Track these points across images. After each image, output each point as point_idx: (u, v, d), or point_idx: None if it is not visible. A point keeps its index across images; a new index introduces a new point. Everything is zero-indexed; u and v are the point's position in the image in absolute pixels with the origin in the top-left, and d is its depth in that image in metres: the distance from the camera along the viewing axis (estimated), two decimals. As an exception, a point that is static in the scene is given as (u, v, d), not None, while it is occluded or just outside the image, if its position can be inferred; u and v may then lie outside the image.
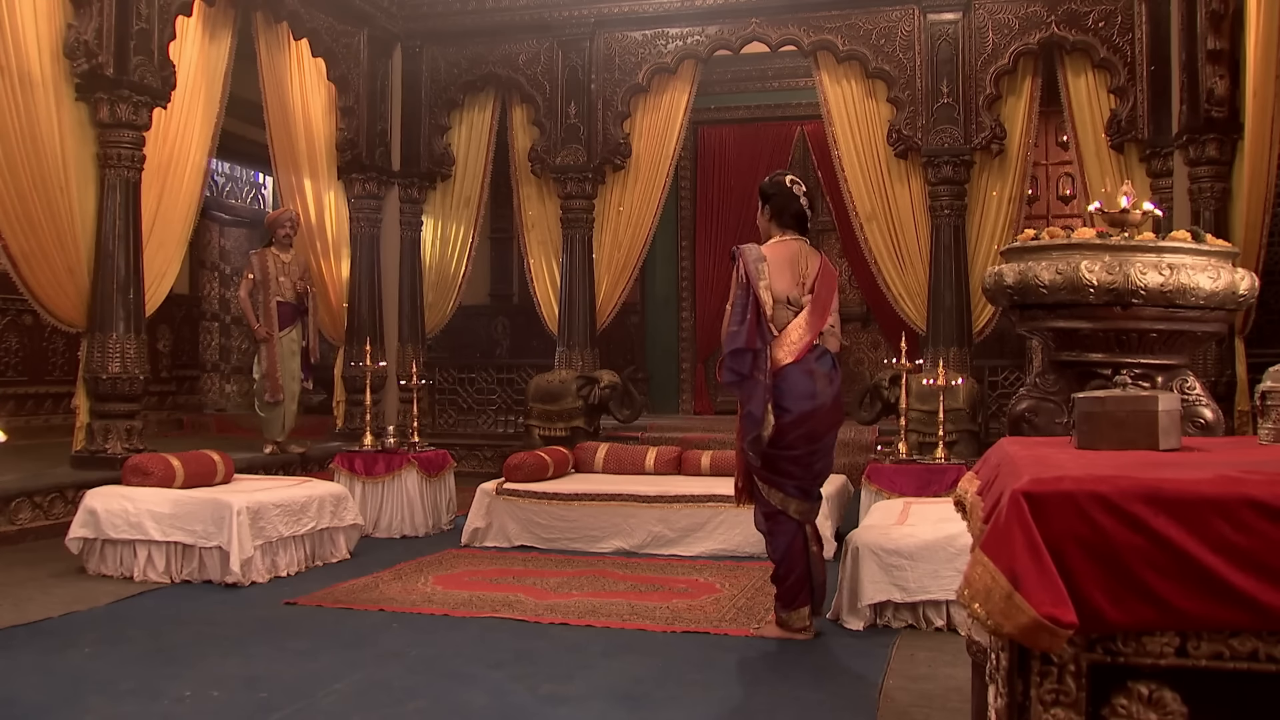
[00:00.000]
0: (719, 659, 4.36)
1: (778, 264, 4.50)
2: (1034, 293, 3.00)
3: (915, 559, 4.73)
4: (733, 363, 4.42)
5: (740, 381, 4.45)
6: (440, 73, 10.55)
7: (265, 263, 8.68)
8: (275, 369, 8.59)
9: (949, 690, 3.94)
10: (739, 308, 4.41)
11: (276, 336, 8.60)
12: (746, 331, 4.38)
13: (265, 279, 8.64)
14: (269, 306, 8.59)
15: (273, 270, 8.68)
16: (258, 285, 8.65)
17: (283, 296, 8.67)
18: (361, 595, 5.41)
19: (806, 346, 4.47)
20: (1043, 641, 1.33)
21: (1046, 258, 3.01)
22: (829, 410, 4.55)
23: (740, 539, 6.44)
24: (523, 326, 12.51)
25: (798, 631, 4.59)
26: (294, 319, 8.76)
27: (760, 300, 4.39)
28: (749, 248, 4.53)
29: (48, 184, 7.27)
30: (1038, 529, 1.38)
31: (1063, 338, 3.14)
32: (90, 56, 7.34)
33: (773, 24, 9.66)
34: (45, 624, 4.87)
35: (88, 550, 5.89)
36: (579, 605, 5.19)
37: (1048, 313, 3.06)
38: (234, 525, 5.58)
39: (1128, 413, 1.98)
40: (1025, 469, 1.52)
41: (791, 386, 4.44)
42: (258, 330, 8.62)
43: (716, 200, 12.12)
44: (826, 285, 4.60)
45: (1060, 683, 1.37)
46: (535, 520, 6.74)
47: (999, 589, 1.35)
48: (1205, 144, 8.22)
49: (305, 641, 4.60)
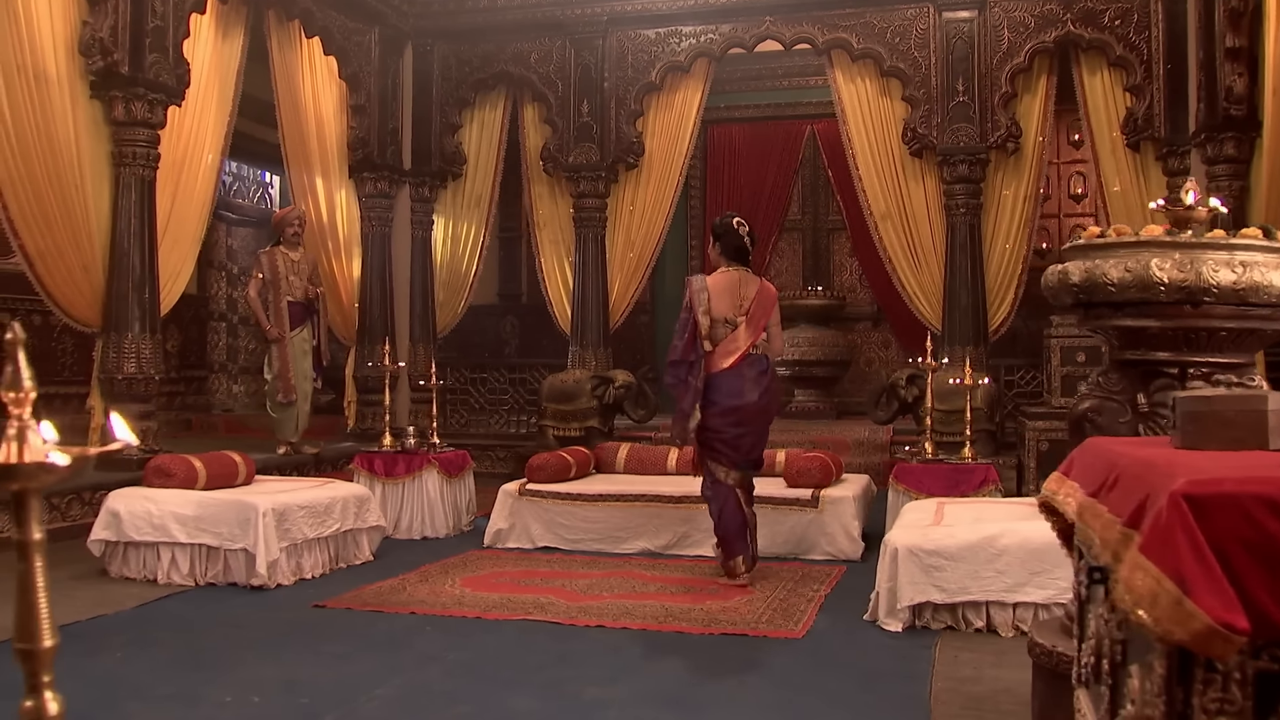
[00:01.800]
0: (761, 661, 4.32)
1: (719, 291, 5.66)
2: (1101, 291, 2.95)
3: (955, 560, 4.69)
4: (673, 370, 5.64)
5: (675, 384, 5.63)
6: (451, 71, 10.48)
7: (274, 262, 8.55)
8: (288, 369, 8.49)
9: (998, 692, 3.90)
10: (680, 327, 5.65)
11: (288, 336, 8.49)
12: (683, 347, 5.61)
13: (275, 278, 8.51)
14: (279, 306, 8.46)
15: (282, 269, 8.55)
16: (267, 285, 8.51)
17: (293, 296, 8.54)
18: (390, 598, 5.36)
19: (741, 356, 5.64)
20: (1215, 648, 1.28)
21: (1114, 255, 2.96)
22: (756, 405, 5.67)
23: (766, 540, 6.38)
24: (531, 326, 12.45)
25: (737, 576, 5.59)
26: (304, 318, 8.65)
27: (698, 323, 5.58)
28: (696, 279, 5.74)
29: (63, 182, 7.20)
30: (1200, 532, 1.33)
31: (1128, 336, 3.09)
32: (105, 54, 7.27)
33: (787, 22, 9.61)
34: (73, 628, 4.80)
35: (109, 552, 5.82)
36: (612, 607, 5.14)
37: (1114, 311, 3.01)
38: (260, 527, 5.52)
39: (1236, 412, 1.94)
40: (1173, 471, 1.47)
41: (722, 386, 5.61)
42: (269, 330, 8.50)
43: (726, 199, 12.07)
44: (762, 307, 5.73)
45: (1225, 691, 1.33)
46: (559, 521, 6.69)
47: (1166, 594, 1.30)
48: (1223, 142, 8.17)
49: (339, 645, 4.54)
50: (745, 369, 5.66)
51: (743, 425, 5.65)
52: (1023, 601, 4.65)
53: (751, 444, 5.73)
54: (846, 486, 6.59)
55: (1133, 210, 9.17)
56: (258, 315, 8.63)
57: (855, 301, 11.77)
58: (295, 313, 8.57)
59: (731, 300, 5.65)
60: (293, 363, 8.51)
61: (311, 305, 8.68)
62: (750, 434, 5.71)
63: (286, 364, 8.49)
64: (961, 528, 4.83)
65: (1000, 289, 9.37)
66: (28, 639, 1.36)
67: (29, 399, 1.31)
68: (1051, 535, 4.63)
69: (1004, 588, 4.65)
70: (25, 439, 1.29)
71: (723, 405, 5.61)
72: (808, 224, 12.17)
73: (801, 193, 12.18)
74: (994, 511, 5.22)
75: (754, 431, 5.73)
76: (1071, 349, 8.19)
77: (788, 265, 12.25)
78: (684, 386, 5.61)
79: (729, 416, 5.62)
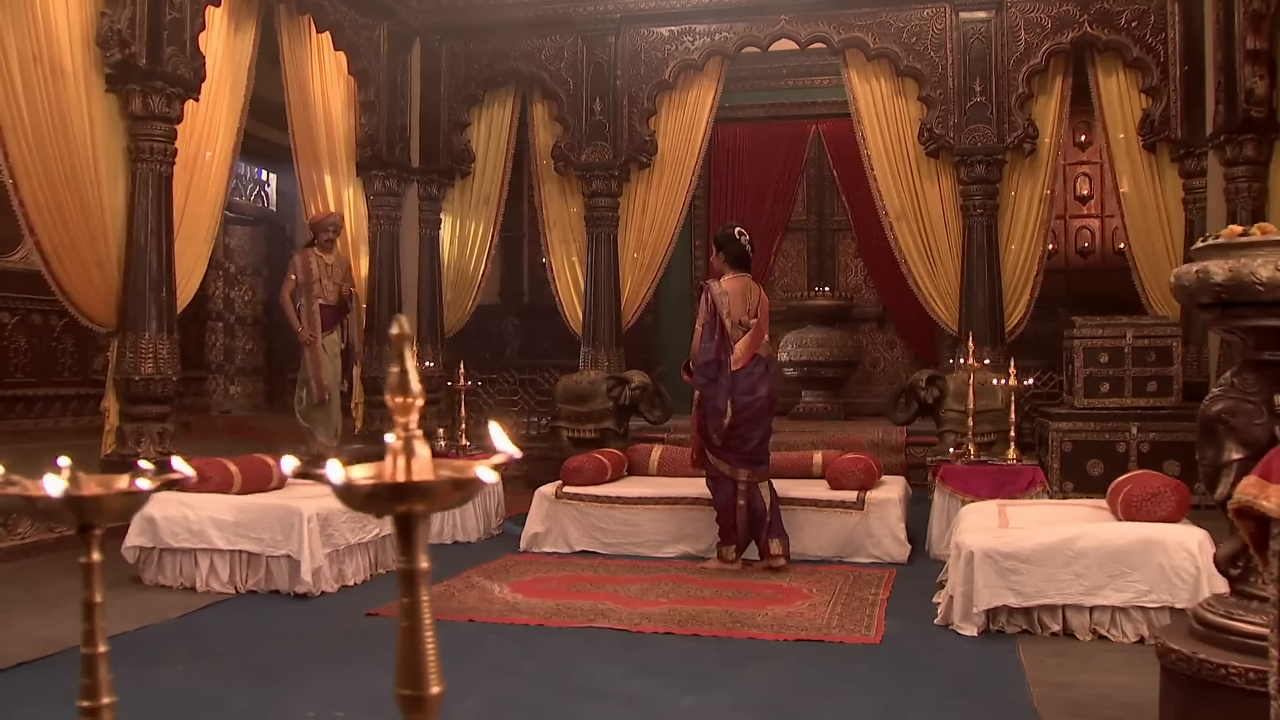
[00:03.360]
0: (847, 668, 4.23)
1: (734, 295, 6.07)
2: (1248, 290, 2.88)
3: (1032, 563, 4.63)
4: (705, 371, 5.97)
5: (708, 384, 5.97)
6: (460, 68, 10.33)
7: (308, 264, 8.37)
8: (320, 371, 8.29)
9: (1099, 697, 3.84)
10: (709, 329, 5.99)
11: (320, 339, 8.30)
12: (715, 347, 5.97)
13: (308, 280, 8.32)
14: (311, 309, 8.28)
15: (316, 272, 8.37)
16: (300, 287, 8.32)
17: (325, 299, 8.37)
18: (441, 605, 5.22)
19: (750, 357, 6.05)
20: None
21: (1262, 254, 2.90)
22: (765, 401, 6.10)
23: (810, 542, 6.33)
24: (533, 326, 12.34)
25: (729, 563, 6.04)
26: (336, 321, 8.48)
27: (725, 325, 5.98)
28: (714, 283, 6.12)
29: (78, 177, 6.98)
30: None
31: (1266, 337, 3.04)
32: (124, 46, 7.06)
33: (802, 21, 9.54)
34: (122, 639, 4.62)
35: (144, 559, 5.64)
36: (675, 613, 5.04)
37: (1260, 311, 2.94)
38: (305, 533, 5.37)
39: None
40: None
41: (739, 384, 5.98)
42: (301, 333, 8.31)
43: (730, 200, 11.99)
44: (764, 311, 6.22)
45: None
46: (597, 524, 6.58)
47: None
48: (1243, 144, 8.20)
49: (406, 654, 4.40)
50: (754, 367, 6.11)
51: (753, 421, 6.07)
52: (1100, 605, 4.60)
53: (759, 440, 6.11)
54: (889, 488, 6.53)
55: (1148, 211, 9.21)
56: (289, 317, 8.42)
57: (861, 302, 11.72)
58: (327, 316, 8.39)
59: (743, 304, 6.09)
60: (325, 365, 8.34)
61: (344, 307, 8.55)
62: (759, 429, 6.11)
63: (319, 366, 8.29)
64: (1035, 530, 4.77)
65: (1016, 290, 9.36)
66: (413, 684, 1.20)
67: (417, 405, 1.18)
68: (1130, 537, 4.63)
69: (1081, 591, 4.60)
70: (414, 452, 1.17)
71: (740, 402, 6.00)
72: (813, 224, 12.11)
73: (806, 193, 12.12)
74: (1061, 514, 5.18)
75: (762, 427, 6.13)
76: (1094, 350, 8.16)
77: (792, 266, 12.19)
78: (716, 385, 5.96)
79: (744, 413, 6.01)
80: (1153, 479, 4.95)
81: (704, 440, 6.07)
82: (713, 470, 6.09)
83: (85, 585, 1.43)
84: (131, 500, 1.51)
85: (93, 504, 1.47)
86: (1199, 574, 4.46)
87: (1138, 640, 4.54)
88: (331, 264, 8.50)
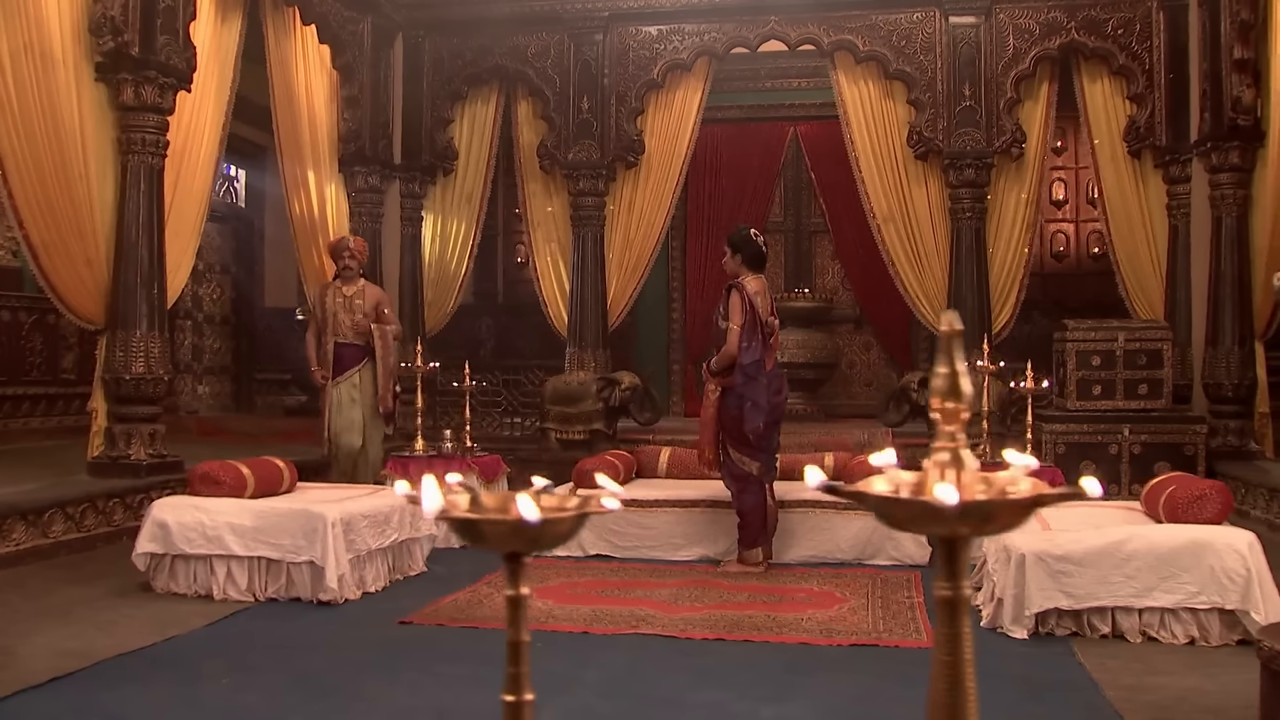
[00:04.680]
0: (912, 673, 4.17)
1: (760, 296, 6.07)
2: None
3: (1084, 565, 4.63)
4: (750, 370, 5.89)
5: (749, 382, 5.90)
6: (444, 64, 10.15)
7: (323, 298, 7.76)
8: (323, 419, 7.66)
9: (1177, 700, 3.84)
10: (749, 329, 5.92)
11: (332, 382, 7.61)
12: (757, 346, 5.93)
13: (323, 316, 7.71)
14: (325, 348, 7.64)
15: (330, 306, 7.69)
16: (317, 324, 7.75)
17: (341, 336, 7.62)
18: (473, 612, 5.09)
19: (773, 358, 6.18)
20: None
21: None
22: (784, 402, 6.30)
23: (830, 544, 6.30)
24: (507, 326, 12.18)
25: (754, 566, 5.99)
26: (357, 361, 7.66)
27: (763, 323, 5.99)
28: (746, 283, 6.03)
29: (68, 170, 6.73)
30: None
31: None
32: (116, 34, 6.81)
33: (792, 22, 9.52)
34: (151, 651, 4.44)
35: (155, 566, 5.42)
36: (718, 619, 4.96)
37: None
38: (329, 538, 5.20)
39: None
40: None
41: (770, 385, 6.06)
42: (313, 374, 7.73)
43: (707, 201, 11.91)
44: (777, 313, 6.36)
45: None
46: (611, 528, 6.48)
47: None
48: (1229, 151, 8.35)
49: (456, 665, 4.27)
50: (776, 368, 6.27)
51: (778, 421, 6.21)
52: (1150, 606, 4.62)
53: (777, 438, 6.21)
54: (906, 491, 6.51)
55: (1132, 216, 9.34)
56: (308, 358, 7.81)
57: (838, 304, 11.73)
58: (345, 355, 7.64)
59: (767, 304, 6.14)
60: (334, 412, 7.59)
61: (368, 346, 7.68)
62: (778, 430, 6.24)
63: (322, 413, 7.68)
64: (1085, 533, 4.77)
65: (1002, 292, 9.44)
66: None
67: (966, 415, 1.09)
68: (1180, 540, 4.65)
69: (1132, 593, 4.61)
70: (961, 464, 1.06)
71: (771, 402, 6.07)
72: (790, 226, 12.09)
73: (784, 195, 12.10)
74: (1099, 516, 5.20)
75: (778, 425, 6.25)
76: (1087, 353, 8.25)
77: (770, 268, 11.90)
78: (757, 384, 5.95)
79: (775, 413, 6.12)
80: (1196, 481, 4.99)
81: (735, 440, 6.00)
82: (738, 471, 6.04)
83: (511, 623, 1.29)
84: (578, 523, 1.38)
85: (547, 528, 1.33)
86: (1249, 575, 4.49)
87: (1188, 641, 4.56)
88: (350, 296, 7.71)
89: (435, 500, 1.35)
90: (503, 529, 1.30)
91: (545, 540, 1.36)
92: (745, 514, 6.05)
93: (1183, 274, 8.95)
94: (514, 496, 1.44)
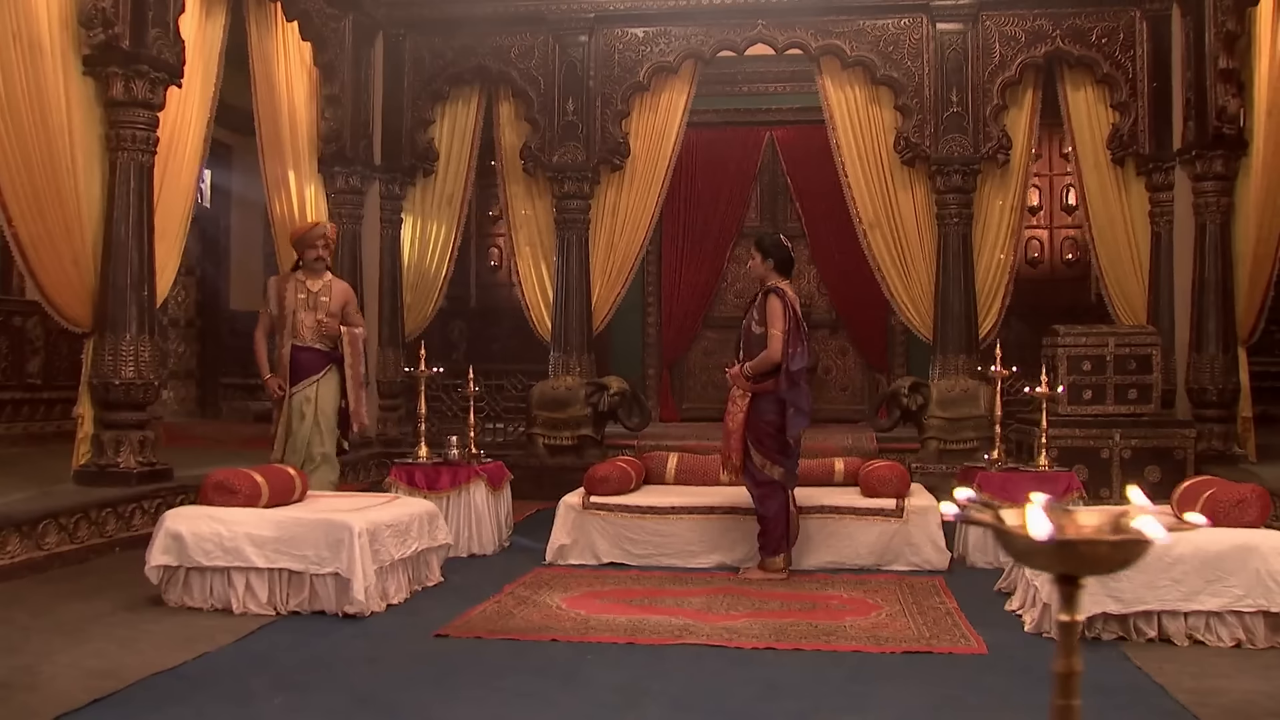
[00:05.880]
0: (980, 680, 4.15)
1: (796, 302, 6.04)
2: None
3: (1132, 569, 4.61)
4: (797, 377, 5.85)
5: (793, 388, 5.84)
6: (425, 63, 9.97)
7: (283, 292, 6.73)
8: (275, 431, 6.77)
9: (1246, 703, 3.86)
10: (794, 335, 5.85)
11: (287, 392, 6.65)
12: (804, 352, 5.92)
13: (280, 314, 6.73)
14: (281, 350, 6.71)
15: (291, 302, 6.69)
16: (275, 321, 6.77)
17: (299, 339, 6.67)
18: (506, 624, 4.94)
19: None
20: None
21: None
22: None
23: (849, 550, 6.25)
24: (479, 330, 12.01)
25: (776, 573, 5.91)
26: (318, 368, 6.70)
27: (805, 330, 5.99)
28: (787, 289, 5.97)
29: (56, 165, 6.47)
30: None
31: None
32: (107, 26, 6.58)
33: (780, 26, 9.51)
34: (184, 670, 4.22)
35: (168, 579, 5.19)
36: (760, 627, 4.88)
37: None
38: (356, 549, 5.01)
39: None
40: None
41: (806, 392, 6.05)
42: (266, 381, 6.76)
43: (682, 206, 11.84)
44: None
45: None
46: (627, 535, 6.36)
47: None
48: (1213, 159, 8.49)
49: (513, 679, 4.13)
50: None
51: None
52: (1196, 610, 4.64)
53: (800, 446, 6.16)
54: (922, 495, 6.50)
55: (1115, 223, 9.46)
56: (257, 361, 6.85)
57: (814, 309, 11.75)
58: (304, 361, 6.68)
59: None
60: (289, 424, 6.68)
61: (335, 352, 6.78)
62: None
63: (275, 424, 6.78)
64: (1130, 537, 4.77)
65: (988, 298, 9.52)
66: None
67: None
68: (1225, 543, 4.67)
69: (1179, 596, 4.62)
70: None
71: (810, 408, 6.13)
72: (766, 231, 12.05)
73: (760, 200, 12.10)
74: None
75: None
76: (1078, 358, 8.32)
77: (745, 273, 12.12)
78: (800, 390, 5.91)
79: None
80: (1233, 486, 5.02)
81: (766, 447, 5.92)
82: (762, 478, 5.96)
83: (1063, 652, 1.18)
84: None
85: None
86: (1295, 578, 4.53)
87: (1234, 645, 4.59)
88: (317, 292, 6.76)
89: (1044, 525, 1.26)
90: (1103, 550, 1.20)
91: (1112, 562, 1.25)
92: (769, 520, 5.97)
93: (1165, 280, 9.09)
94: (1126, 515, 1.35)
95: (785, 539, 6.00)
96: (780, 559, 5.98)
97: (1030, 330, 10.25)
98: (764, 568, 5.99)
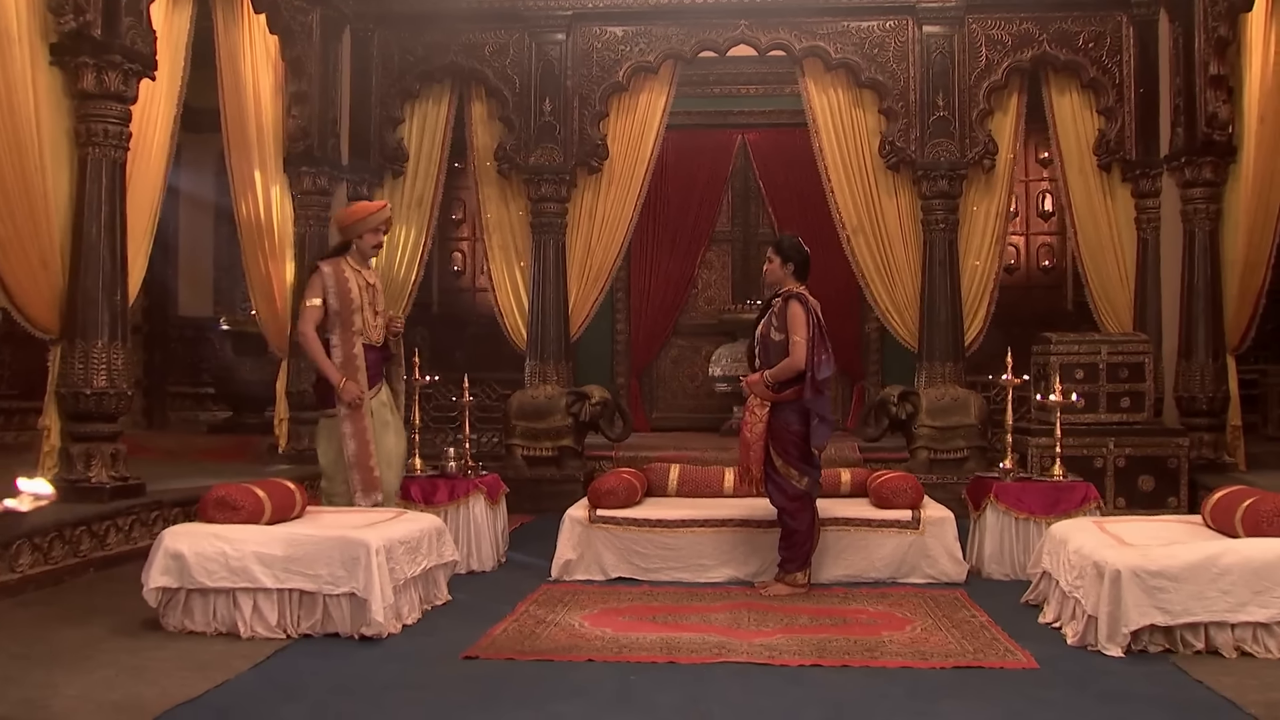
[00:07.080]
0: (1042, 695, 4.01)
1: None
2: None
3: (1180, 580, 4.52)
4: (824, 385, 5.74)
5: (819, 397, 5.71)
6: (394, 60, 9.65)
7: (344, 283, 5.92)
8: (368, 454, 5.85)
9: (1324, 718, 3.75)
10: (819, 342, 5.73)
11: (367, 398, 5.93)
12: (829, 360, 5.78)
13: (345, 308, 5.91)
14: (351, 351, 5.87)
15: (356, 295, 5.92)
16: (334, 317, 5.91)
17: (368, 337, 5.98)
18: (535, 645, 4.68)
19: None
20: None
21: None
22: None
23: (865, 563, 6.09)
24: (443, 337, 11.65)
25: (799, 587, 5.73)
26: (381, 371, 6.11)
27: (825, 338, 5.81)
28: (808, 295, 5.83)
29: (24, 160, 6.06)
30: None
31: None
32: (79, 13, 6.19)
33: (763, 27, 9.35)
34: (209, 699, 3.91)
35: (167, 602, 4.85)
36: (799, 643, 4.68)
37: None
38: (373, 568, 4.72)
39: None
40: None
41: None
42: (345, 389, 5.80)
43: (653, 210, 11.57)
44: None
45: None
46: (635, 549, 6.13)
47: None
48: (1202, 166, 8.43)
49: (566, 705, 3.87)
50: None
51: None
52: (1244, 621, 4.54)
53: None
54: (936, 506, 6.35)
55: (1100, 230, 9.45)
56: (320, 364, 5.88)
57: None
58: (373, 363, 6.02)
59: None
60: (370, 435, 5.90)
61: (387, 351, 6.19)
62: None
63: (366, 445, 5.86)
64: (1178, 548, 4.67)
65: (973, 304, 9.44)
66: None
67: None
68: (1272, 554, 4.58)
69: (1227, 608, 4.53)
70: None
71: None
72: (738, 236, 11.91)
73: (731, 204, 11.92)
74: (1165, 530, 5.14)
75: None
76: (1071, 365, 8.26)
77: (716, 278, 11.96)
78: (825, 399, 5.82)
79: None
80: (1273, 496, 4.94)
81: (792, 457, 5.74)
82: (794, 491, 5.76)
83: None
84: None
85: None
86: (1343, 588, 4.46)
87: (1283, 656, 4.51)
88: (375, 285, 6.14)
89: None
90: None
91: None
92: (800, 534, 5.79)
93: (1152, 287, 9.07)
94: None
95: (810, 552, 5.83)
96: (804, 574, 5.80)
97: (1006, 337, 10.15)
98: (786, 582, 5.80)
